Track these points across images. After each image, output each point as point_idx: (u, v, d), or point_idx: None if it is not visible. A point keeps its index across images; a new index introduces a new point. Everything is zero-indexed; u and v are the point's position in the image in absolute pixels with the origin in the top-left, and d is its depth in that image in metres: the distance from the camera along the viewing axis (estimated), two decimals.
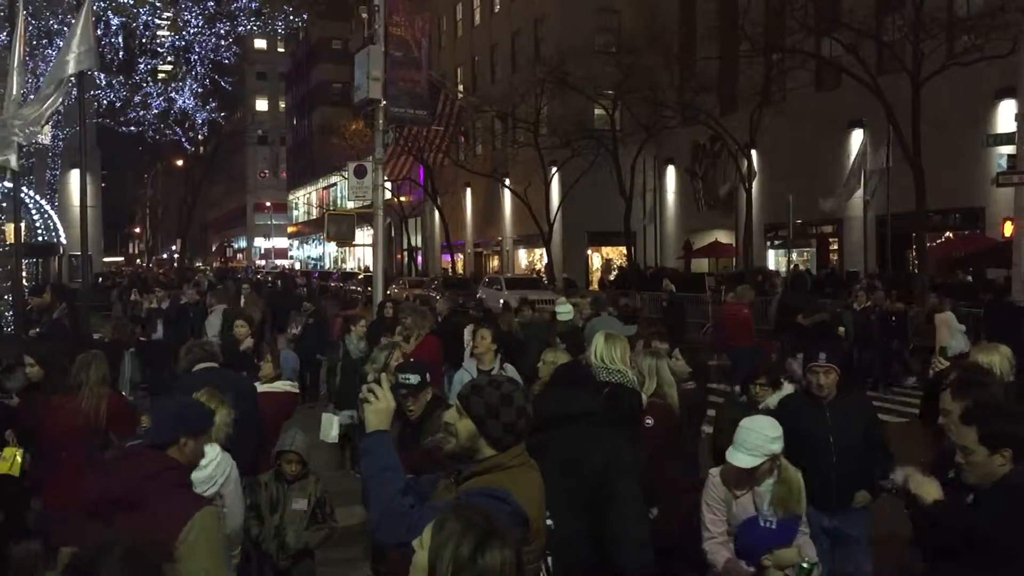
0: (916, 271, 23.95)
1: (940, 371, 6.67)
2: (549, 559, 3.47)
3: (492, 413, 3.04)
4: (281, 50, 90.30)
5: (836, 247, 32.52)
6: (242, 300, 15.13)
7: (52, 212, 22.31)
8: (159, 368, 10.27)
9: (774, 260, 34.65)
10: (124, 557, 2.15)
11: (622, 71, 33.29)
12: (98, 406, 5.53)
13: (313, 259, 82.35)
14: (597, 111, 37.56)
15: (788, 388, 5.77)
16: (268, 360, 7.04)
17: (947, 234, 27.13)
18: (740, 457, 4.34)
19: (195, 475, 4.28)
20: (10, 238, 15.76)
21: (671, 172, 41.10)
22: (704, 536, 4.52)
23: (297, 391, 7.24)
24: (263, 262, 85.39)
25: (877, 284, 21.13)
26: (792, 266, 30.15)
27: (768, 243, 34.52)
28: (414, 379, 4.82)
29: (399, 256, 56.68)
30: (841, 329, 14.38)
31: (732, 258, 35.54)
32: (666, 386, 5.72)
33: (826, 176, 30.04)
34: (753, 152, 30.73)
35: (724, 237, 36.53)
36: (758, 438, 4.34)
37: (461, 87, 49.84)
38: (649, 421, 5.35)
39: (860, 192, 28.63)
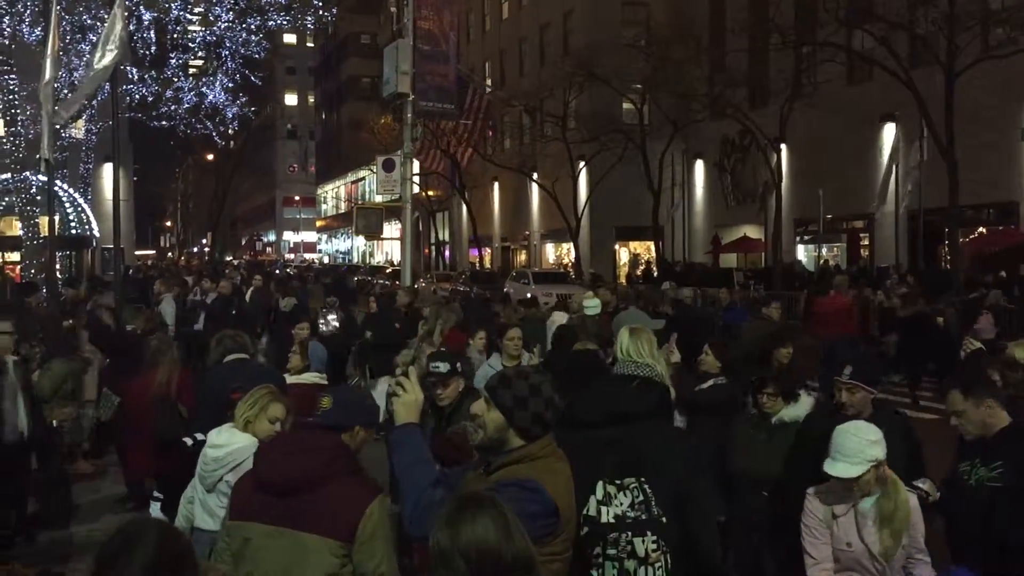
0: (948, 267, 23.67)
1: (972, 351, 6.61)
2: (668, 556, 3.53)
3: (521, 404, 3.04)
4: (310, 45, 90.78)
5: (867, 242, 32.18)
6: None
7: (85, 205, 22.59)
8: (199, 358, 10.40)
9: (804, 255, 34.36)
10: (152, 549, 2.17)
11: (651, 65, 33.11)
12: (170, 380, 6.49)
13: (341, 253, 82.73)
14: (625, 105, 37.41)
15: (806, 400, 5.17)
16: (296, 352, 7.09)
17: (980, 229, 26.77)
18: (840, 466, 3.87)
19: (211, 452, 4.32)
20: (44, 230, 16.00)
21: (699, 166, 40.86)
22: (807, 563, 4.10)
23: (325, 382, 7.29)
24: (292, 256, 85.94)
25: (909, 280, 20.97)
26: (822, 261, 29.89)
27: (798, 238, 34.24)
28: (444, 367, 4.84)
29: (426, 250, 56.80)
30: (940, 320, 14.21)
31: (761, 253, 35.28)
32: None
33: (857, 171, 29.73)
34: (783, 146, 30.46)
35: (753, 232, 36.27)
36: (857, 442, 3.88)
37: (489, 81, 49.82)
38: None
39: (892, 187, 28.30)
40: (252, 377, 5.24)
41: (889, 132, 29.26)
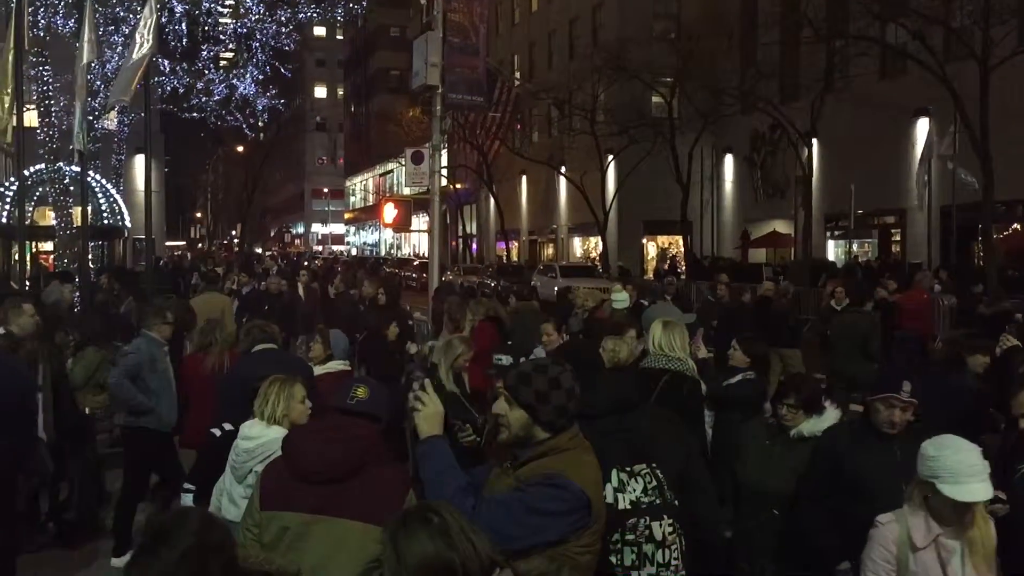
0: (982, 263, 23.35)
1: (1009, 348, 6.54)
2: (682, 538, 3.59)
3: (542, 399, 3.03)
4: (340, 37, 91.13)
5: (899, 238, 31.83)
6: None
7: (117, 196, 22.81)
8: None
9: (834, 251, 34.07)
10: (198, 528, 2.20)
11: (681, 58, 32.93)
12: (222, 361, 6.70)
13: (369, 245, 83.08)
14: (655, 99, 37.23)
15: (831, 414, 4.68)
16: (318, 341, 7.10)
17: (1015, 226, 26.39)
18: (976, 488, 3.20)
19: (244, 444, 4.34)
20: (77, 221, 16.18)
21: (729, 161, 40.59)
22: None
23: (349, 368, 7.34)
24: (320, 248, 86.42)
25: (941, 276, 20.74)
26: (852, 256, 29.63)
27: (828, 234, 33.94)
28: (506, 360, 4.85)
29: (453, 243, 56.90)
30: (1019, 316, 14.09)
31: (791, 248, 35.03)
32: None
33: (889, 166, 29.41)
34: (814, 141, 30.18)
35: (783, 227, 36.00)
36: (978, 457, 3.25)
37: (518, 74, 49.78)
38: None
39: (926, 181, 27.96)
40: (280, 367, 5.27)
41: (922, 126, 28.91)
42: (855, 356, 10.65)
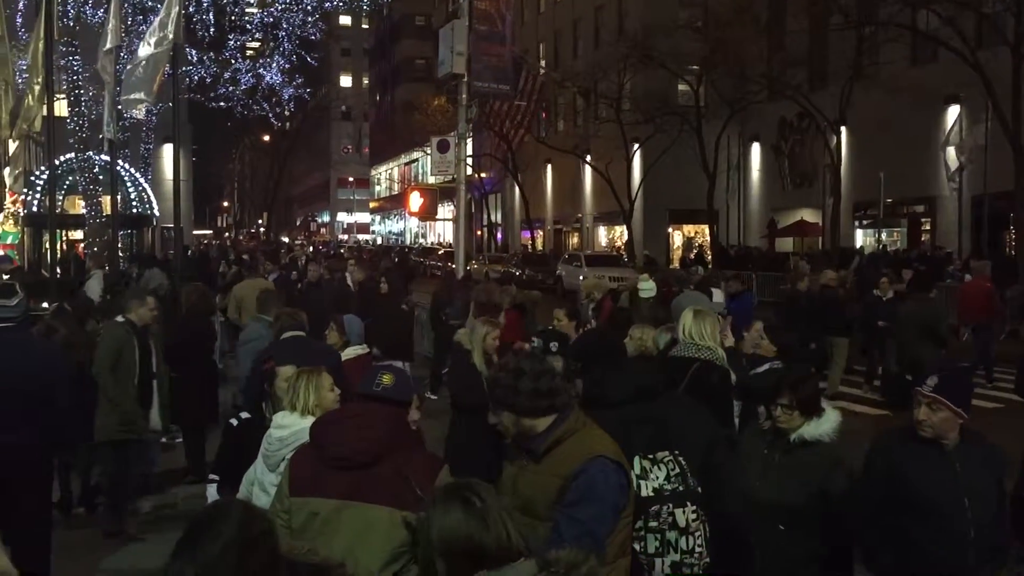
0: (1013, 253, 23.05)
1: None
2: (706, 525, 3.64)
3: (512, 392, 3.14)
4: (365, 26, 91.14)
5: (928, 227, 31.48)
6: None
7: (146, 185, 23.00)
8: None
9: (862, 240, 33.74)
10: (240, 520, 2.21)
11: (708, 45, 32.67)
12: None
13: (394, 234, 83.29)
14: (681, 87, 36.99)
15: (831, 416, 4.13)
16: (333, 329, 7.13)
17: None
18: None
19: (276, 433, 4.37)
20: (107, 209, 16.34)
21: (756, 149, 40.27)
22: None
23: (368, 351, 7.42)
24: (345, 236, 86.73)
25: (972, 265, 20.46)
26: (881, 246, 29.32)
27: (856, 223, 33.62)
28: (538, 342, 4.84)
29: (478, 232, 56.94)
30: None
31: (818, 237, 34.74)
32: None
33: (920, 154, 29.06)
34: (843, 129, 29.87)
35: (810, 216, 35.70)
36: None
37: (543, 63, 49.62)
38: None
39: (955, 169, 27.62)
40: (307, 354, 5.30)
41: (953, 114, 28.54)
42: (922, 342, 10.91)
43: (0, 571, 2.24)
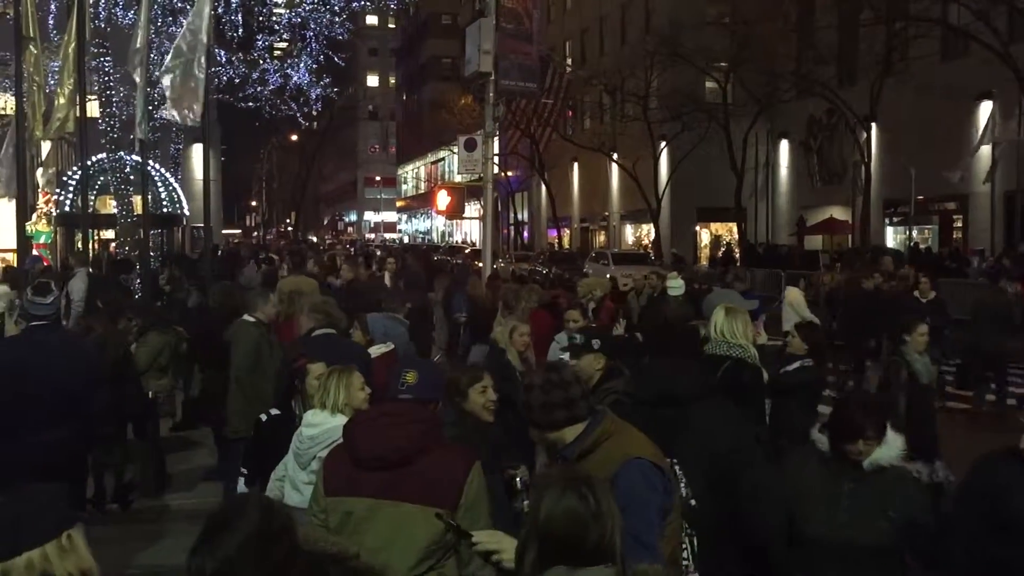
0: None
1: None
2: (694, 539, 3.49)
3: (528, 408, 3.16)
4: (392, 26, 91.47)
5: (960, 224, 31.11)
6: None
7: (176, 185, 23.18)
8: None
9: (893, 238, 33.41)
10: (259, 514, 2.23)
11: (736, 42, 32.47)
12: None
13: (421, 233, 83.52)
14: (709, 84, 36.79)
15: (894, 438, 3.62)
16: (357, 328, 7.16)
17: None
18: None
19: (307, 431, 4.40)
20: (138, 209, 16.49)
21: (784, 146, 39.99)
22: None
23: (393, 348, 7.43)
24: (372, 235, 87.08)
25: (1005, 264, 20.25)
26: (913, 243, 29.03)
27: (887, 220, 33.28)
28: (579, 338, 4.81)
29: (505, 231, 56.99)
30: None
31: (848, 235, 34.43)
32: None
33: (951, 150, 28.71)
34: (873, 125, 29.59)
35: (840, 213, 35.38)
36: None
37: (569, 61, 49.53)
38: None
39: (987, 166, 27.28)
40: (337, 352, 5.32)
41: (985, 109, 28.18)
42: (998, 333, 11.08)
43: (82, 567, 2.27)
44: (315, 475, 4.28)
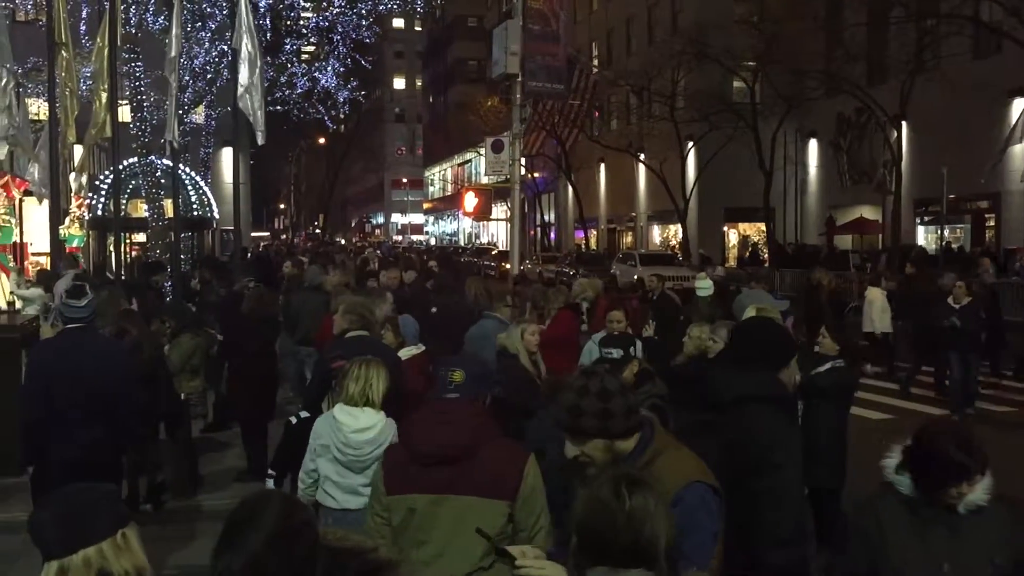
0: None
1: None
2: None
3: (608, 415, 2.89)
4: (418, 29, 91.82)
5: (993, 223, 30.71)
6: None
7: (206, 188, 23.38)
8: None
9: (924, 237, 33.05)
10: (282, 510, 2.25)
11: (764, 41, 32.27)
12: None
13: (448, 235, 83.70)
14: (736, 83, 36.57)
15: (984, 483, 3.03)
16: (388, 329, 7.18)
17: None
18: None
19: (360, 437, 4.43)
20: (169, 212, 16.66)
21: (813, 145, 39.68)
22: None
23: (424, 348, 7.44)
24: (399, 237, 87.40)
25: None
26: (945, 243, 28.70)
27: (918, 219, 32.93)
28: (616, 353, 4.82)
29: (532, 232, 56.99)
30: None
31: (878, 235, 34.09)
32: None
33: (983, 148, 28.34)
34: (903, 123, 29.28)
35: (870, 213, 35.06)
36: None
37: (596, 61, 49.46)
38: None
39: (1020, 164, 26.90)
40: (363, 353, 5.35)
41: (1018, 107, 27.80)
42: None
43: (137, 565, 2.31)
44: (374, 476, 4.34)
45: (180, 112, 13.48)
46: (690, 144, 38.42)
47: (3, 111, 11.66)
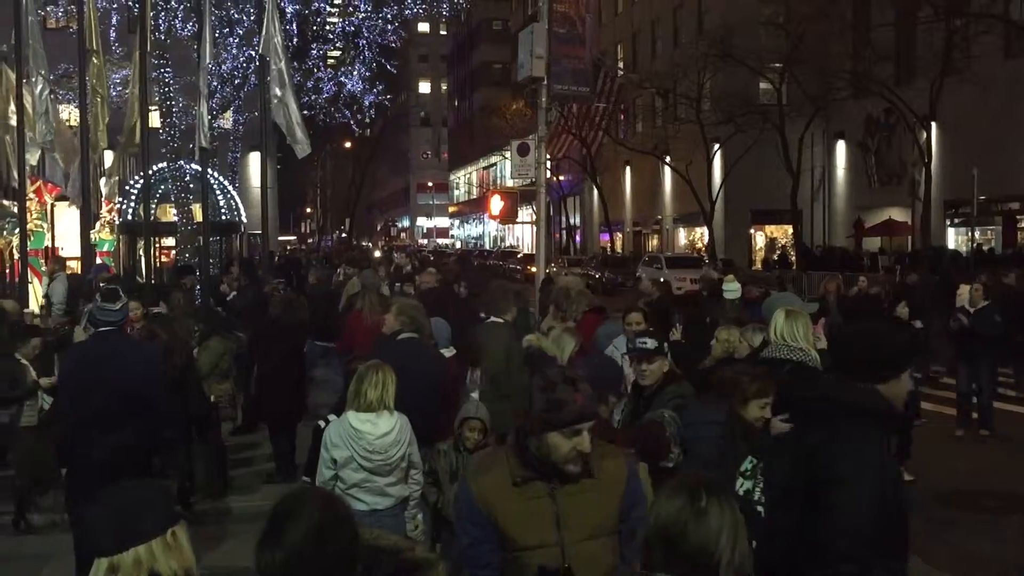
0: None
1: None
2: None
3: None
4: (443, 33, 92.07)
5: None
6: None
7: (234, 192, 23.53)
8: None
9: (954, 239, 32.69)
10: (321, 504, 2.30)
11: (791, 42, 32.08)
12: (379, 320, 7.57)
13: (473, 238, 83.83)
14: (763, 85, 36.38)
15: None
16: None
17: None
18: None
19: (380, 442, 4.44)
20: (198, 217, 16.80)
21: (841, 147, 39.36)
22: None
23: (454, 352, 7.46)
24: (425, 241, 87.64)
25: None
26: (976, 245, 28.37)
27: (948, 221, 32.58)
28: (651, 343, 4.81)
29: (557, 235, 56.97)
30: None
31: (907, 237, 33.77)
32: None
33: (1015, 149, 28.02)
34: (933, 124, 28.99)
35: (898, 215, 34.71)
36: None
37: (621, 64, 49.37)
38: None
39: None
40: (412, 356, 5.39)
41: None
42: None
43: (185, 566, 2.34)
44: (400, 473, 4.38)
45: (208, 117, 13.60)
46: (716, 146, 38.26)
47: (40, 117, 11.84)
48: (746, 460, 3.49)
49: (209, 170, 17.56)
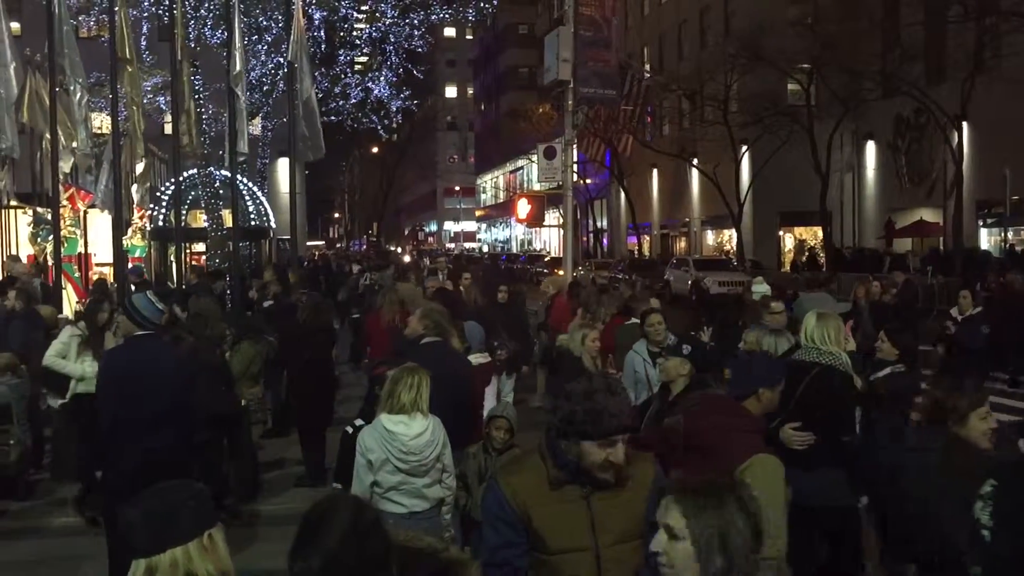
0: None
1: None
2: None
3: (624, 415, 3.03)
4: (469, 37, 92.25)
5: None
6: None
7: (263, 198, 23.74)
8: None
9: (987, 239, 32.29)
10: (353, 509, 2.33)
11: (819, 42, 31.85)
12: (394, 317, 8.19)
13: (500, 242, 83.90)
14: (791, 86, 36.16)
15: None
16: (454, 335, 7.23)
17: None
18: None
19: (414, 443, 4.48)
20: (228, 222, 16.97)
21: (871, 147, 38.98)
22: None
23: (489, 359, 7.48)
24: (452, 245, 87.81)
25: None
26: (1009, 245, 28.00)
27: (980, 222, 32.18)
28: (685, 349, 4.87)
29: (584, 239, 56.89)
30: None
31: (939, 238, 33.39)
32: None
33: None
34: (964, 124, 28.65)
35: (930, 215, 34.33)
36: None
37: (648, 66, 49.25)
38: None
39: None
40: (436, 361, 5.42)
41: None
42: None
43: (221, 568, 2.37)
44: (436, 474, 4.43)
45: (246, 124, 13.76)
46: (744, 148, 38.05)
47: (80, 124, 12.02)
48: (986, 483, 3.23)
49: (239, 176, 17.74)
